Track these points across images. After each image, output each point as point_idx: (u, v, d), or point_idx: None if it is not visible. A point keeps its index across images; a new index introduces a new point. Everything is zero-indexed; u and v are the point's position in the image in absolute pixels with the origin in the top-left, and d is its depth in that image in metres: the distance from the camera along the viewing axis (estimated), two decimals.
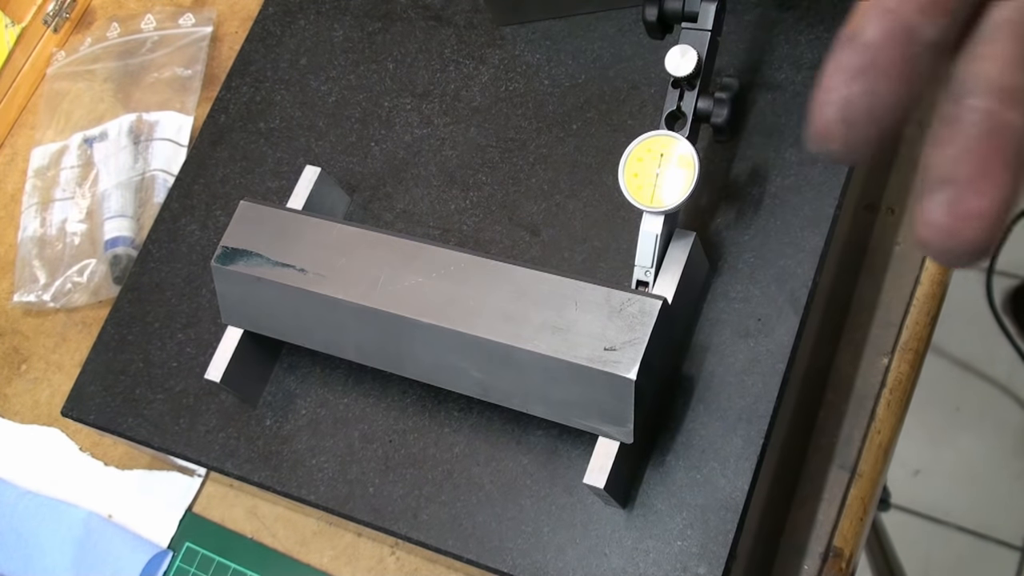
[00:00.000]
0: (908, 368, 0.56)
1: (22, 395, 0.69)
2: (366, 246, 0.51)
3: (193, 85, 0.74)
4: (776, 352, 0.50)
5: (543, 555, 0.49)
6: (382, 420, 0.54)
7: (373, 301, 0.50)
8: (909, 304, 0.56)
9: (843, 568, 0.53)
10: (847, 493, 0.54)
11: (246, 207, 0.54)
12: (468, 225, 0.57)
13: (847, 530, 0.53)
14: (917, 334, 0.56)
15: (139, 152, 0.73)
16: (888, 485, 1.19)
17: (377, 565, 0.58)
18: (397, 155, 0.60)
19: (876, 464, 0.54)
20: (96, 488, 0.65)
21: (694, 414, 0.50)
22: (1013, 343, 1.47)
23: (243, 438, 0.56)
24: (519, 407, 0.49)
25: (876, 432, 0.55)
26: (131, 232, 0.69)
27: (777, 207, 0.52)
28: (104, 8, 0.81)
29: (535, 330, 0.47)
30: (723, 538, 0.47)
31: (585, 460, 0.47)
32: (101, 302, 0.69)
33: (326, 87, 0.63)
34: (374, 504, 0.53)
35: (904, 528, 1.40)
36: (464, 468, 0.52)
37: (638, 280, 0.49)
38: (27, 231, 0.73)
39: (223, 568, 0.61)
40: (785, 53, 0.55)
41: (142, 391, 0.58)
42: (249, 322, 0.54)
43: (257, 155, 0.63)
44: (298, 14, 0.66)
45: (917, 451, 1.44)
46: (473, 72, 0.61)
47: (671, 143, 0.48)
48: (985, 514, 1.41)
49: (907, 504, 1.42)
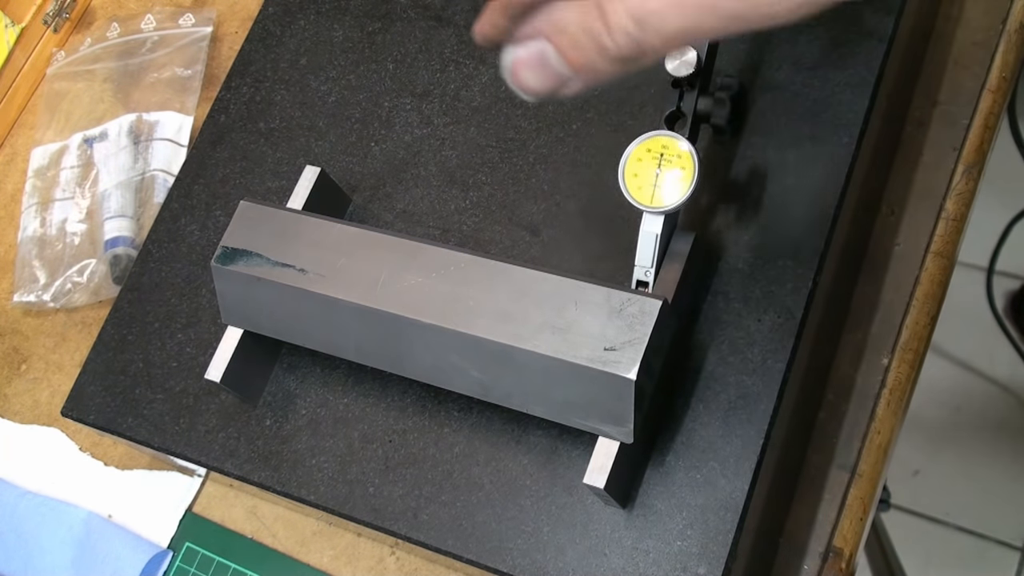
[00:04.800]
0: (908, 368, 0.56)
1: (22, 395, 0.69)
2: (366, 246, 0.51)
3: (193, 85, 0.74)
4: (776, 352, 0.50)
5: (543, 555, 0.49)
6: (382, 420, 0.54)
7: (373, 301, 0.50)
8: (909, 304, 0.56)
9: (843, 568, 0.53)
10: (847, 493, 0.54)
11: (246, 207, 0.54)
12: (468, 225, 0.57)
13: (847, 530, 0.53)
14: (917, 334, 0.56)
15: (139, 152, 0.73)
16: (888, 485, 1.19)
17: (377, 565, 0.58)
18: (397, 155, 0.60)
19: (876, 464, 0.54)
20: (96, 488, 0.65)
21: (694, 414, 0.50)
22: (1013, 343, 1.47)
23: (243, 438, 0.56)
24: (519, 407, 0.49)
25: (876, 432, 0.55)
26: (131, 232, 0.69)
27: (777, 207, 0.52)
28: (104, 8, 0.81)
29: (535, 330, 0.47)
30: (723, 538, 0.47)
31: (585, 460, 0.47)
32: (101, 302, 0.69)
33: (326, 87, 0.63)
34: (374, 504, 0.53)
35: (904, 528, 1.40)
36: (464, 468, 0.52)
37: (638, 280, 0.49)
38: (27, 231, 0.73)
39: (223, 568, 0.61)
40: (785, 53, 0.55)
41: (142, 391, 0.58)
42: (249, 322, 0.54)
43: (257, 155, 0.63)
44: (298, 14, 0.66)
45: (917, 451, 1.44)
46: (473, 72, 0.61)
47: (671, 143, 0.48)
48: (985, 514, 1.41)
49: (907, 504, 1.42)
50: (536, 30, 0.33)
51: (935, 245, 0.58)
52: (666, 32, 0.30)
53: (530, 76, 0.33)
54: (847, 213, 0.54)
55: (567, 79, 0.33)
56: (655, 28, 0.30)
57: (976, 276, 1.49)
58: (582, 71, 0.33)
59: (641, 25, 0.30)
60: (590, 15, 0.31)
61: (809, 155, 0.53)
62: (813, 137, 0.53)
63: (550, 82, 0.33)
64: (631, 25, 0.31)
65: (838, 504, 0.54)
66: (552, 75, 0.33)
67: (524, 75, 0.34)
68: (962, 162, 0.59)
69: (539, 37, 0.33)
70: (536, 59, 0.33)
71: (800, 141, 0.53)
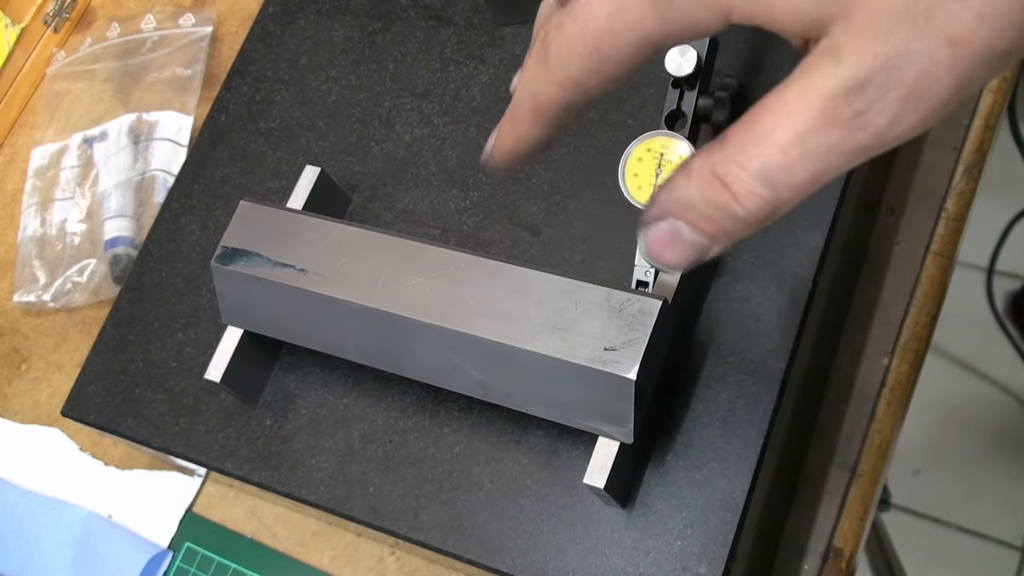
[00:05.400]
0: (908, 368, 0.56)
1: (22, 395, 0.69)
2: (366, 246, 0.51)
3: (193, 85, 0.74)
4: (776, 352, 0.50)
5: (543, 555, 0.49)
6: (382, 420, 0.54)
7: (373, 301, 0.50)
8: (909, 304, 0.56)
9: (843, 568, 0.53)
10: (847, 493, 0.54)
11: (246, 207, 0.54)
12: (468, 225, 0.57)
13: (847, 530, 0.53)
14: (917, 334, 0.56)
15: (139, 152, 0.73)
16: (888, 485, 1.19)
17: (377, 565, 0.58)
18: (397, 155, 0.60)
19: (876, 464, 0.54)
20: (96, 488, 0.65)
21: (694, 414, 0.50)
22: (1013, 343, 1.47)
23: (243, 438, 0.56)
24: (519, 407, 0.49)
25: (876, 432, 0.55)
26: (131, 232, 0.69)
27: None
28: (104, 8, 0.81)
29: (535, 330, 0.47)
30: (723, 538, 0.48)
31: (585, 460, 0.47)
32: (101, 302, 0.69)
33: (326, 87, 0.63)
34: (374, 504, 0.53)
35: (904, 528, 1.40)
36: (464, 468, 0.52)
37: (638, 280, 0.49)
38: (27, 231, 0.73)
39: (223, 568, 0.61)
40: (785, 53, 0.55)
41: (142, 391, 0.58)
42: (249, 322, 0.54)
43: (257, 155, 0.63)
44: (298, 14, 0.66)
45: (917, 451, 1.44)
46: (473, 72, 0.61)
47: (671, 143, 0.48)
48: (985, 514, 1.41)
49: (907, 504, 1.42)
50: (662, 211, 0.32)
51: (935, 245, 0.58)
52: (797, 184, 0.29)
53: (670, 253, 0.32)
54: (847, 213, 0.54)
55: (708, 247, 0.32)
56: (785, 183, 0.29)
57: (976, 276, 1.49)
58: (720, 238, 0.31)
59: (770, 185, 0.29)
60: (712, 187, 0.30)
61: None
62: None
63: (691, 253, 0.32)
64: (759, 187, 0.29)
65: (838, 504, 0.54)
66: (691, 247, 0.32)
67: (664, 254, 0.32)
68: (962, 162, 0.59)
69: (667, 216, 0.32)
70: (671, 236, 0.32)
71: None
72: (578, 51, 0.31)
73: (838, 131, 0.28)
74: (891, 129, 0.28)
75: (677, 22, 0.30)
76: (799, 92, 0.28)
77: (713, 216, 0.31)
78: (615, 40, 0.31)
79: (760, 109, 0.29)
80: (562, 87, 0.33)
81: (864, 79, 0.27)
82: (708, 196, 0.30)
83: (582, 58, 0.31)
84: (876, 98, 0.27)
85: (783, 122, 0.29)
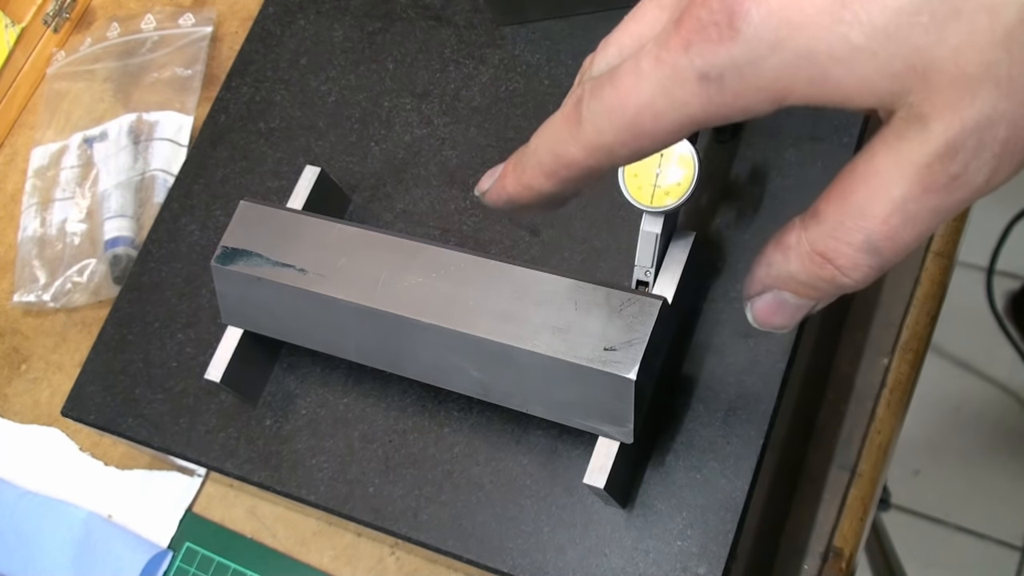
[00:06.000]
0: (908, 368, 0.56)
1: (22, 395, 0.69)
2: (366, 246, 0.51)
3: (193, 85, 0.74)
4: (776, 352, 0.50)
5: (543, 555, 0.49)
6: (382, 420, 0.54)
7: (373, 301, 0.50)
8: (909, 304, 0.57)
9: (843, 568, 0.53)
10: (847, 493, 0.54)
11: (246, 207, 0.54)
12: (468, 225, 0.57)
13: (847, 530, 0.53)
14: (917, 334, 0.56)
15: (139, 152, 0.73)
16: (888, 485, 1.19)
17: (377, 565, 0.58)
18: (397, 155, 0.60)
19: (876, 464, 0.54)
20: (96, 488, 0.65)
21: (694, 414, 0.50)
22: (1013, 343, 1.47)
23: (243, 438, 0.56)
24: (519, 407, 0.49)
25: (876, 432, 0.55)
26: (131, 232, 0.69)
27: (777, 207, 0.52)
28: (104, 8, 0.81)
29: (535, 330, 0.47)
30: (723, 538, 0.48)
31: (585, 460, 0.47)
32: (101, 302, 0.69)
33: (326, 87, 0.63)
34: (374, 504, 0.53)
35: (904, 528, 1.40)
36: (464, 468, 0.52)
37: (638, 280, 0.49)
38: (27, 231, 0.73)
39: (223, 568, 0.61)
40: None
41: (142, 391, 0.58)
42: (249, 322, 0.54)
43: (257, 155, 0.63)
44: (298, 14, 0.66)
45: (917, 451, 1.44)
46: (473, 72, 0.61)
47: None
48: (985, 514, 1.41)
49: (907, 504, 1.42)
50: (764, 285, 0.32)
51: (935, 245, 0.58)
52: (903, 247, 0.29)
53: (778, 319, 0.33)
54: None
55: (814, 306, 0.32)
56: (891, 249, 0.29)
57: (976, 276, 1.49)
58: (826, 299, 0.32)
59: (876, 253, 0.29)
60: (815, 263, 0.30)
61: (809, 155, 0.53)
62: (813, 137, 0.53)
63: (800, 315, 0.33)
64: (865, 259, 0.29)
65: (838, 504, 0.54)
66: (798, 310, 0.32)
67: (772, 320, 0.33)
68: None
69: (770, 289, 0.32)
70: (776, 305, 0.32)
71: (800, 141, 0.53)
72: (614, 121, 0.30)
73: (937, 195, 0.28)
74: (989, 184, 0.28)
75: (726, 106, 0.29)
76: (891, 162, 0.28)
77: (818, 286, 0.31)
78: (656, 118, 0.30)
79: (851, 181, 0.29)
80: (588, 151, 0.32)
81: (956, 144, 0.27)
82: (811, 271, 0.30)
83: (617, 129, 0.30)
84: (971, 159, 0.27)
85: (880, 194, 0.28)
